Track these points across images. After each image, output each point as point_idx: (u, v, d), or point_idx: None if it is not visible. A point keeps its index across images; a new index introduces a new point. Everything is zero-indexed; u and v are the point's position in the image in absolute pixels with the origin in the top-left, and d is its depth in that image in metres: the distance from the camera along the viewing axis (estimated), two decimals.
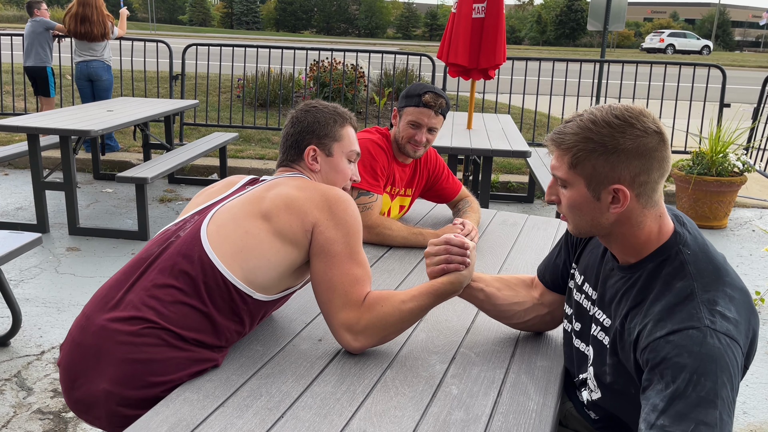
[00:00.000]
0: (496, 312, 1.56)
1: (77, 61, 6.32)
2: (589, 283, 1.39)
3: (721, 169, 5.09)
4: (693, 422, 1.01)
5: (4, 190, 5.57)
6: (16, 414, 2.48)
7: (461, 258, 1.45)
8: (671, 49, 39.01)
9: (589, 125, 1.18)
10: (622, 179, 1.17)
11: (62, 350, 1.43)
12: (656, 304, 1.15)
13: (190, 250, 1.41)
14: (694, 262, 1.17)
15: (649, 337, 1.11)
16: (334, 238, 1.44)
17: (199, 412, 1.22)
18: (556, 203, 1.28)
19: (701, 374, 1.03)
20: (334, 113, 1.67)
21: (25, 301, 3.44)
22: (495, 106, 7.76)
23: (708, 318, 1.08)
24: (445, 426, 1.22)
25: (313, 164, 1.64)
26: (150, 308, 1.36)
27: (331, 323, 1.44)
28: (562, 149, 1.21)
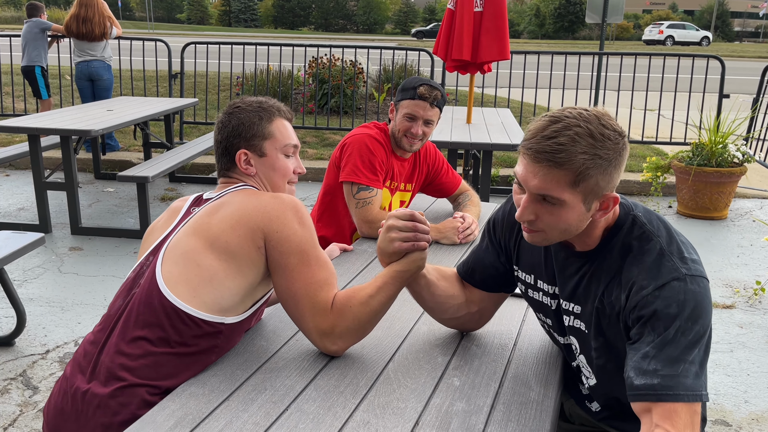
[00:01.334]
0: (433, 302, 1.49)
1: (77, 62, 6.33)
2: (543, 279, 1.38)
3: (720, 159, 5.09)
4: (682, 363, 1.11)
5: (5, 191, 5.59)
6: (22, 413, 2.50)
7: (427, 236, 1.41)
8: (670, 40, 38.92)
9: (590, 140, 1.13)
10: (613, 187, 1.19)
11: (45, 414, 1.40)
12: (632, 269, 1.20)
13: (149, 298, 1.36)
14: (649, 221, 1.24)
15: (635, 297, 1.17)
16: (288, 250, 1.39)
17: (205, 406, 1.24)
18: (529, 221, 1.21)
19: (689, 319, 1.12)
20: (258, 110, 1.57)
21: (29, 301, 3.45)
22: (494, 100, 7.76)
23: (683, 267, 1.16)
24: (447, 417, 1.24)
25: (247, 168, 1.56)
26: (121, 367, 1.32)
27: (306, 332, 1.42)
28: (565, 169, 1.13)
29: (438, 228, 2.28)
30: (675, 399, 1.09)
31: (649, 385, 1.11)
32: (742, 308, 3.60)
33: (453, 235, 2.26)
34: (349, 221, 2.46)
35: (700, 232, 4.89)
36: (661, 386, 1.10)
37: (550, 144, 1.14)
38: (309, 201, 5.49)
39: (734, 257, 4.40)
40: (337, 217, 2.49)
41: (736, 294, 3.79)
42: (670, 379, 1.10)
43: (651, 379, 1.11)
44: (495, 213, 1.51)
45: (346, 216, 2.46)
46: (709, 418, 2.59)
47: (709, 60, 6.91)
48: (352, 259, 2.10)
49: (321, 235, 2.53)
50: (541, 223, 1.21)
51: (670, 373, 1.10)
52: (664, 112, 7.87)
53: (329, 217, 2.51)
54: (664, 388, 1.10)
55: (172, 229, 1.50)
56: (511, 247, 1.45)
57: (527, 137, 1.19)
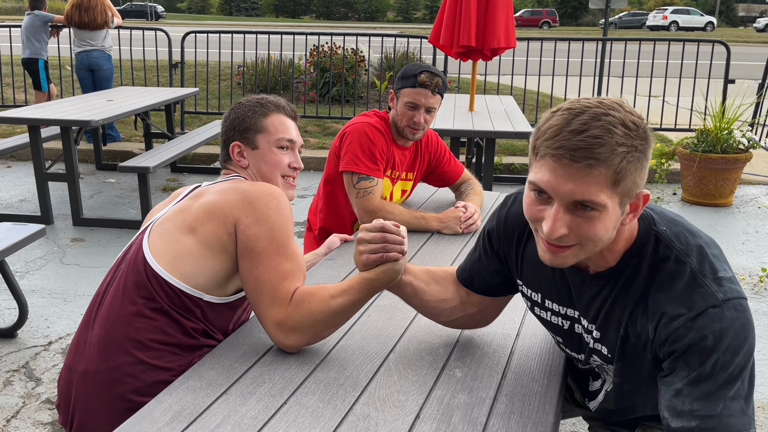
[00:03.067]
0: (422, 308, 1.43)
1: (77, 52, 6.30)
2: (554, 300, 1.26)
3: (726, 146, 5.05)
4: (722, 399, 0.99)
5: (7, 182, 5.58)
6: (25, 404, 2.50)
7: (400, 247, 1.32)
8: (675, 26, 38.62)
9: (624, 129, 0.97)
10: (643, 185, 1.04)
11: (58, 408, 1.44)
12: (660, 296, 1.06)
13: (136, 265, 1.42)
14: (676, 237, 1.09)
15: (666, 329, 1.04)
16: (257, 234, 1.39)
17: (203, 400, 1.22)
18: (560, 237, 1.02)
19: (727, 352, 1.00)
20: (255, 105, 1.63)
21: (31, 293, 3.45)
22: (497, 88, 7.70)
23: (719, 291, 1.02)
24: (449, 409, 1.22)
25: (240, 160, 1.62)
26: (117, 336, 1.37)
27: (262, 321, 1.40)
28: (605, 166, 0.96)
29: (440, 218, 2.26)
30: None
31: (687, 428, 0.99)
32: (747, 295, 3.57)
33: (455, 225, 2.24)
34: (349, 211, 2.44)
35: (705, 219, 4.85)
36: (699, 429, 0.98)
37: (584, 139, 0.96)
38: (311, 191, 5.47)
39: (739, 244, 4.37)
40: (338, 206, 2.47)
41: (741, 281, 3.76)
42: (710, 420, 0.98)
43: (688, 421, 0.99)
44: (489, 222, 1.37)
45: (346, 206, 2.43)
46: None
47: (714, 45, 6.84)
48: (351, 250, 2.08)
49: (322, 225, 2.51)
50: (575, 237, 1.02)
51: (709, 413, 0.98)
52: (668, 99, 7.81)
53: (330, 207, 2.49)
54: (704, 431, 0.98)
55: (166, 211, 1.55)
56: (512, 258, 1.32)
57: (550, 136, 1.00)
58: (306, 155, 6.30)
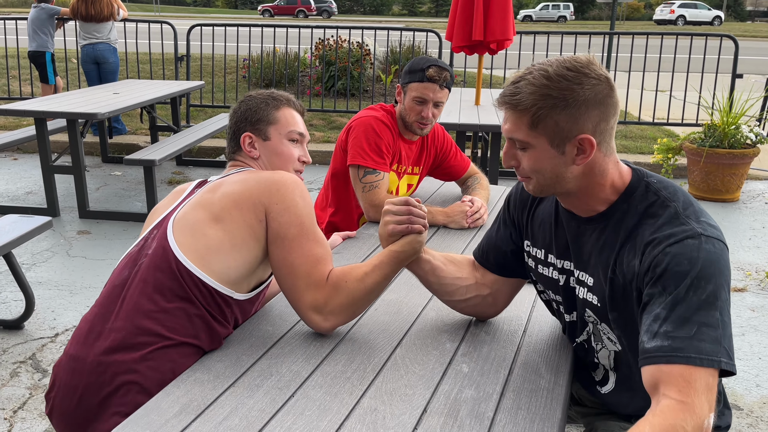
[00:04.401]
0: (438, 286, 1.51)
1: (83, 45, 6.30)
2: (553, 253, 1.36)
3: (733, 141, 5.02)
4: (696, 324, 1.04)
5: (13, 174, 5.60)
6: (31, 395, 2.51)
7: (423, 221, 1.44)
8: (682, 20, 38.37)
9: (544, 81, 1.15)
10: (585, 129, 1.16)
11: (50, 399, 1.38)
12: (645, 231, 1.16)
13: (163, 263, 1.38)
14: (665, 188, 1.21)
15: (648, 257, 1.13)
16: (288, 221, 1.41)
17: (210, 393, 1.22)
18: (515, 167, 1.25)
19: (701, 278, 1.07)
20: (267, 98, 1.65)
21: (38, 285, 3.47)
22: (503, 82, 7.67)
23: (699, 227, 1.12)
24: (456, 404, 1.22)
25: (251, 151, 1.62)
26: (143, 329, 1.33)
27: (298, 306, 1.42)
28: (519, 110, 1.18)
29: (446, 212, 2.25)
30: (686, 362, 1.02)
31: (659, 347, 1.05)
32: (754, 291, 3.56)
33: (461, 219, 2.23)
34: (356, 204, 2.43)
35: (711, 215, 4.82)
36: (671, 348, 1.04)
37: (510, 89, 1.19)
38: (316, 184, 5.47)
39: (746, 240, 4.35)
40: (345, 200, 2.47)
41: (748, 277, 3.75)
42: (681, 341, 1.03)
43: (662, 341, 1.05)
44: (511, 190, 1.51)
45: (353, 199, 2.43)
46: None
47: (722, 40, 6.79)
48: (358, 243, 2.08)
49: (329, 220, 2.51)
50: (524, 169, 1.23)
51: (683, 335, 1.04)
52: (675, 93, 7.76)
53: (336, 201, 2.48)
54: (675, 350, 1.03)
55: (177, 205, 1.52)
56: (523, 222, 1.44)
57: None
58: (311, 149, 6.30)
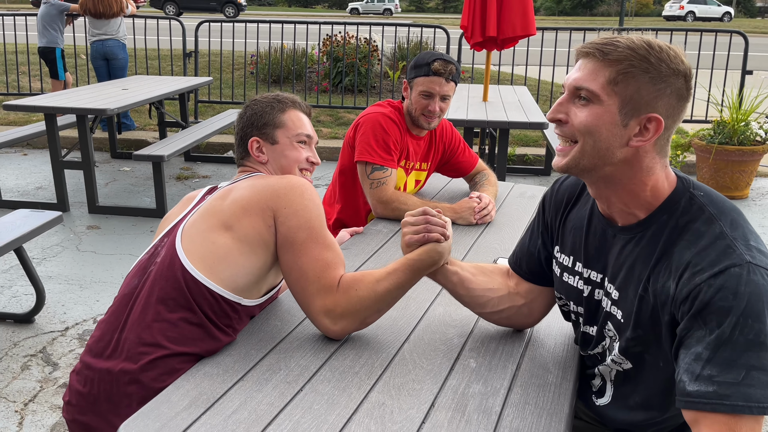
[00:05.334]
0: (468, 298, 1.44)
1: (92, 41, 6.33)
2: (581, 261, 1.28)
3: (743, 138, 4.99)
4: (743, 368, 0.95)
5: (23, 170, 5.63)
6: (42, 389, 2.54)
7: (441, 230, 1.38)
8: (691, 16, 38.10)
9: (645, 45, 1.06)
10: (659, 111, 1.07)
11: (67, 403, 1.41)
12: (685, 253, 1.05)
13: (170, 272, 1.39)
14: (711, 203, 1.10)
15: (687, 285, 1.02)
16: (297, 225, 1.40)
17: (219, 386, 1.23)
18: (559, 122, 1.12)
19: (748, 315, 0.96)
20: (272, 101, 1.65)
21: (48, 279, 3.49)
22: (511, 78, 7.65)
23: (747, 254, 1.01)
24: (464, 399, 1.23)
25: (259, 156, 1.62)
26: (146, 341, 1.34)
27: (309, 311, 1.41)
28: (608, 60, 1.06)
29: (454, 208, 2.25)
30: (732, 410, 0.94)
31: (703, 393, 0.97)
32: None
33: (469, 216, 2.23)
34: (364, 201, 2.44)
35: None
36: (716, 395, 0.96)
37: (603, 40, 1.08)
38: (324, 180, 5.48)
39: None
40: (353, 196, 2.47)
41: None
42: (728, 387, 0.95)
43: (706, 386, 0.97)
44: (545, 192, 1.44)
45: (361, 195, 2.44)
46: None
47: (732, 36, 6.74)
48: (366, 239, 2.09)
49: (337, 216, 2.52)
50: (571, 127, 1.10)
51: (729, 380, 0.95)
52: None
53: (344, 197, 2.49)
54: (721, 396, 0.95)
55: (187, 213, 1.53)
56: (556, 226, 1.37)
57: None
58: (319, 145, 6.30)
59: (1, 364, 2.69)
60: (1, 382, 2.57)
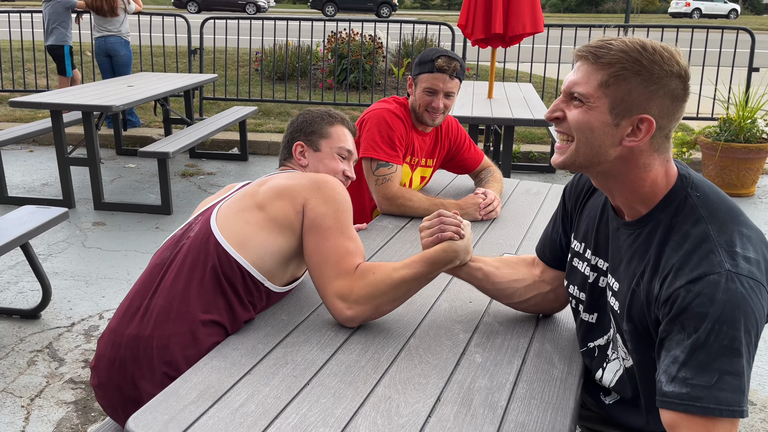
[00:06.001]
0: (495, 291, 1.51)
1: (96, 37, 6.35)
2: (590, 248, 1.32)
3: (749, 135, 4.97)
4: (717, 372, 0.99)
5: (29, 166, 5.66)
6: (48, 384, 2.55)
7: (455, 228, 1.45)
8: (698, 13, 37.92)
9: (638, 47, 1.08)
10: (651, 112, 1.09)
11: (94, 370, 1.47)
12: (672, 255, 1.08)
13: (203, 244, 1.46)
14: (705, 205, 1.11)
15: (668, 289, 1.06)
16: (324, 212, 1.48)
17: (227, 379, 1.24)
18: (555, 120, 1.17)
19: (723, 322, 0.99)
20: (324, 113, 1.77)
21: (54, 275, 3.51)
22: (516, 75, 7.64)
23: (728, 261, 1.03)
24: (469, 393, 1.23)
25: (300, 159, 1.74)
26: (175, 306, 1.41)
27: (324, 293, 1.45)
28: (600, 63, 1.10)
29: (459, 204, 2.26)
30: (704, 412, 0.98)
31: (677, 394, 1.00)
32: None
33: (474, 212, 2.24)
34: (369, 197, 2.44)
35: None
36: (689, 396, 0.99)
37: (597, 42, 1.12)
38: None
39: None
40: (358, 193, 2.47)
41: None
42: (701, 390, 0.99)
43: (680, 387, 1.00)
44: (567, 183, 1.48)
45: (366, 192, 2.44)
46: None
47: (739, 33, 6.71)
48: (371, 235, 2.09)
49: None
50: (568, 125, 1.14)
51: (702, 383, 0.99)
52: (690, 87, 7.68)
53: (349, 193, 2.49)
54: (693, 398, 0.99)
55: (225, 197, 1.62)
56: (575, 213, 1.41)
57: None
58: None
59: (8, 360, 2.70)
60: (7, 377, 2.59)
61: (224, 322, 1.43)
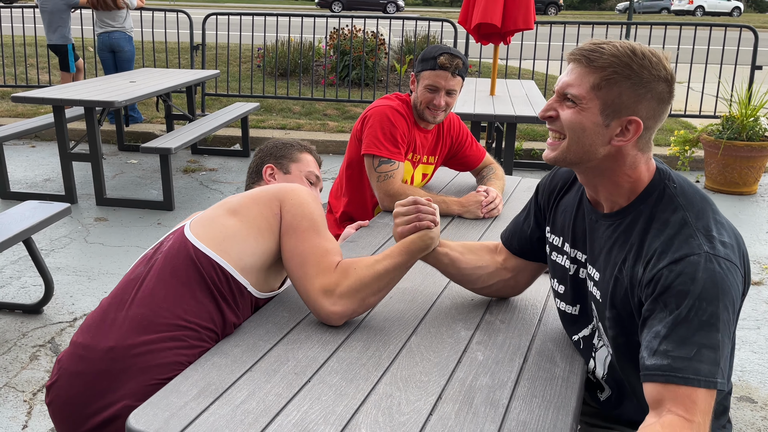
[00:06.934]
0: (460, 276, 1.56)
1: (99, 33, 6.34)
2: (569, 242, 1.37)
3: (751, 133, 4.96)
4: (696, 346, 1.05)
5: (32, 162, 5.66)
6: None
7: (432, 217, 1.48)
8: (700, 11, 37.81)
9: (629, 52, 1.14)
10: (639, 114, 1.16)
11: (53, 389, 1.39)
12: (654, 241, 1.15)
13: (180, 251, 1.44)
14: (682, 194, 1.19)
15: (651, 271, 1.12)
16: (301, 214, 1.48)
17: (228, 376, 1.24)
18: (548, 119, 1.23)
19: (703, 299, 1.06)
20: (293, 142, 1.85)
21: (57, 270, 3.51)
22: (518, 72, 7.62)
23: (706, 245, 1.10)
24: (471, 391, 1.23)
25: (270, 181, 1.77)
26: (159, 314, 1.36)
27: (308, 293, 1.43)
28: (592, 67, 1.16)
29: (461, 202, 2.25)
30: (684, 382, 1.03)
31: (659, 366, 1.06)
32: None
33: (476, 209, 2.23)
34: (370, 194, 2.44)
35: (728, 208, 4.79)
36: (670, 368, 1.04)
37: (590, 46, 1.18)
38: (331, 173, 5.48)
39: (763, 233, 4.31)
40: (359, 189, 2.47)
41: (764, 270, 3.72)
42: (681, 362, 1.04)
43: (662, 359, 1.06)
44: (542, 179, 1.53)
45: (368, 188, 2.44)
46: (735, 395, 2.56)
47: (742, 31, 6.69)
48: (372, 233, 2.09)
49: (344, 210, 2.52)
50: (561, 124, 1.20)
51: (682, 355, 1.04)
52: (693, 85, 7.67)
53: (351, 191, 2.49)
54: (674, 369, 1.04)
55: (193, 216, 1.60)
56: (549, 209, 1.47)
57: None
58: (325, 138, 6.31)
59: (10, 354, 2.71)
60: (10, 372, 2.59)
61: (214, 327, 1.39)
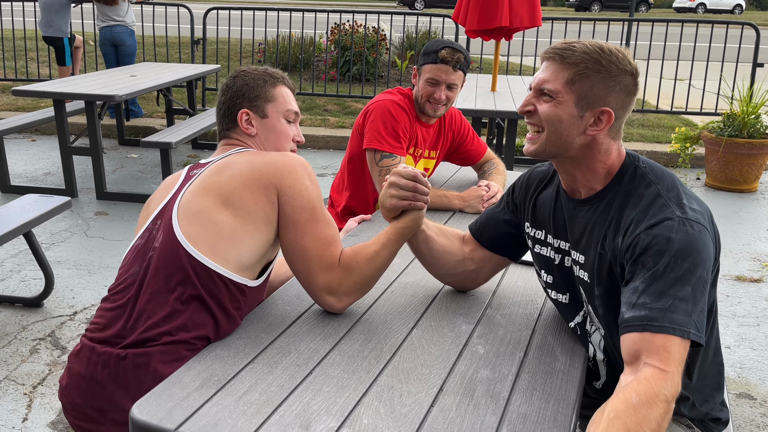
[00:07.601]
0: (430, 257, 1.57)
1: (101, 27, 6.33)
2: (551, 233, 1.43)
3: (752, 130, 4.96)
4: (671, 298, 1.13)
5: (32, 155, 5.66)
6: (51, 372, 2.56)
7: (426, 197, 1.49)
8: (702, 8, 37.75)
9: (597, 49, 1.25)
10: (610, 105, 1.26)
11: (66, 386, 1.38)
12: (631, 213, 1.25)
13: (175, 259, 1.37)
14: (652, 171, 1.29)
15: (630, 237, 1.21)
16: (300, 205, 1.43)
17: (230, 368, 1.24)
18: (527, 113, 1.31)
19: (678, 257, 1.15)
20: (264, 74, 1.63)
21: (57, 264, 3.52)
22: (519, 68, 7.61)
23: (678, 210, 1.21)
24: (471, 384, 1.23)
25: (248, 128, 1.60)
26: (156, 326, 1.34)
27: (311, 289, 1.43)
28: (566, 63, 1.26)
29: (462, 196, 2.25)
30: (660, 330, 1.10)
31: (637, 317, 1.13)
32: None
33: (478, 204, 2.23)
34: (372, 188, 2.44)
35: (728, 205, 4.79)
36: (648, 318, 1.12)
37: (562, 45, 1.28)
38: (331, 169, 5.48)
39: (763, 231, 4.31)
40: (361, 184, 2.47)
41: (764, 267, 3.72)
42: (657, 312, 1.12)
43: (639, 311, 1.14)
44: (518, 177, 1.58)
45: (369, 183, 2.44)
46: (734, 391, 2.57)
47: (744, 28, 6.68)
48: (374, 227, 2.09)
49: (345, 204, 2.52)
50: (538, 117, 1.29)
51: (659, 306, 1.12)
52: (694, 82, 7.66)
53: (353, 185, 2.49)
54: (651, 319, 1.12)
55: (176, 192, 1.49)
56: (526, 205, 1.52)
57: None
58: (326, 134, 6.30)
59: (10, 348, 2.71)
60: (10, 365, 2.60)
61: (209, 336, 1.36)
